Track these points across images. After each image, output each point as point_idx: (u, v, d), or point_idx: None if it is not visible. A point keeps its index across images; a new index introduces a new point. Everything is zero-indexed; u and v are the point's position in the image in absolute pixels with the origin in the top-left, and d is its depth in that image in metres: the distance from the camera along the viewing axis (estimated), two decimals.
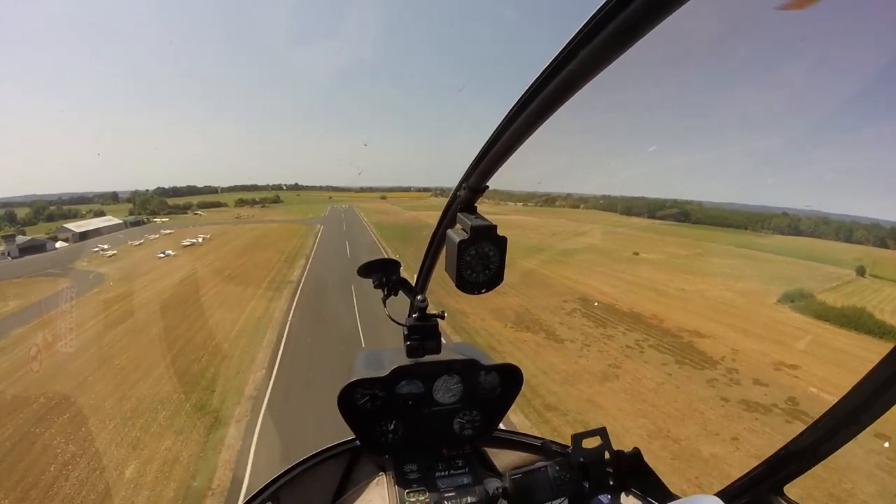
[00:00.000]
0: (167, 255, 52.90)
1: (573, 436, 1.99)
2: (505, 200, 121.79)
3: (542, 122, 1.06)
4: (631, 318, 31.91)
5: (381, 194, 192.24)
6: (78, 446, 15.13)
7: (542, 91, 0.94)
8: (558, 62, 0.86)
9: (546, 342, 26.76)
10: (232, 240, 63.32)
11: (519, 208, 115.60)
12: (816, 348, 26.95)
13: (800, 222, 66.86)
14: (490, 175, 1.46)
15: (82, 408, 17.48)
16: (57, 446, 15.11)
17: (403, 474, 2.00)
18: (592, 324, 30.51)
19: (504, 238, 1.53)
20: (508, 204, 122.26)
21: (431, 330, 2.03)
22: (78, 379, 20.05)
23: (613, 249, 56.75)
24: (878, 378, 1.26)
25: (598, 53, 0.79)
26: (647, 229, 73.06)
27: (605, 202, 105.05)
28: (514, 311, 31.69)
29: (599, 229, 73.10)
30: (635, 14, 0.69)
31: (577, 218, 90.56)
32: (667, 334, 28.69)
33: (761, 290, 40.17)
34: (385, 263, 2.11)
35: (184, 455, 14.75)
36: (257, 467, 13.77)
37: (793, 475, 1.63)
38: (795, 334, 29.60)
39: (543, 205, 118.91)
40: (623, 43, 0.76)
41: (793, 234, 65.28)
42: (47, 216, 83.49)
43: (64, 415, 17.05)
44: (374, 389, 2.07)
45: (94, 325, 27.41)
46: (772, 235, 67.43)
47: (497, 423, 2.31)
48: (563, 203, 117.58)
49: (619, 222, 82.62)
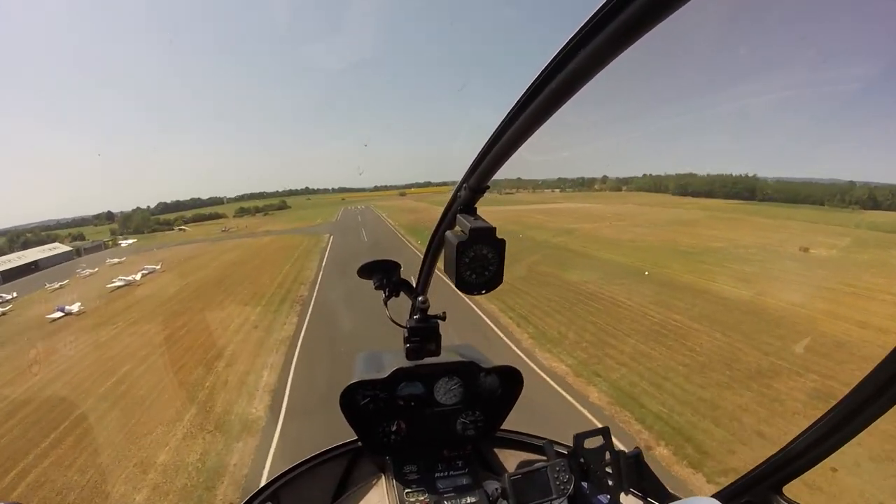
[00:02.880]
0: (64, 313, 29.93)
1: (575, 436, 1.94)
2: (539, 188, 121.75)
3: (543, 122, 1.04)
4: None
5: (399, 191, 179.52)
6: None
7: (543, 91, 0.94)
8: (558, 62, 0.86)
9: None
10: (195, 269, 39.97)
11: (562, 195, 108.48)
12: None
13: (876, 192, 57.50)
14: (490, 175, 1.40)
15: None
16: None
17: (403, 475, 2.01)
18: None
19: (503, 240, 1.47)
20: (546, 191, 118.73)
21: (432, 332, 2.00)
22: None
23: (767, 244, 38.82)
24: (878, 378, 1.25)
25: (598, 53, 0.79)
26: (738, 211, 60.94)
27: (651, 182, 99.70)
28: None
29: (699, 214, 58.58)
30: (635, 14, 0.69)
31: (640, 201, 79.93)
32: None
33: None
34: (385, 264, 2.06)
35: None
36: None
37: (793, 475, 1.61)
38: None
39: (580, 188, 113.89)
40: (623, 43, 0.75)
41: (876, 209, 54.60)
42: (22, 244, 72.97)
43: None
44: (375, 391, 2.05)
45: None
46: (871, 211, 54.49)
47: (499, 424, 2.29)
48: (602, 186, 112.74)
49: (697, 204, 71.25)
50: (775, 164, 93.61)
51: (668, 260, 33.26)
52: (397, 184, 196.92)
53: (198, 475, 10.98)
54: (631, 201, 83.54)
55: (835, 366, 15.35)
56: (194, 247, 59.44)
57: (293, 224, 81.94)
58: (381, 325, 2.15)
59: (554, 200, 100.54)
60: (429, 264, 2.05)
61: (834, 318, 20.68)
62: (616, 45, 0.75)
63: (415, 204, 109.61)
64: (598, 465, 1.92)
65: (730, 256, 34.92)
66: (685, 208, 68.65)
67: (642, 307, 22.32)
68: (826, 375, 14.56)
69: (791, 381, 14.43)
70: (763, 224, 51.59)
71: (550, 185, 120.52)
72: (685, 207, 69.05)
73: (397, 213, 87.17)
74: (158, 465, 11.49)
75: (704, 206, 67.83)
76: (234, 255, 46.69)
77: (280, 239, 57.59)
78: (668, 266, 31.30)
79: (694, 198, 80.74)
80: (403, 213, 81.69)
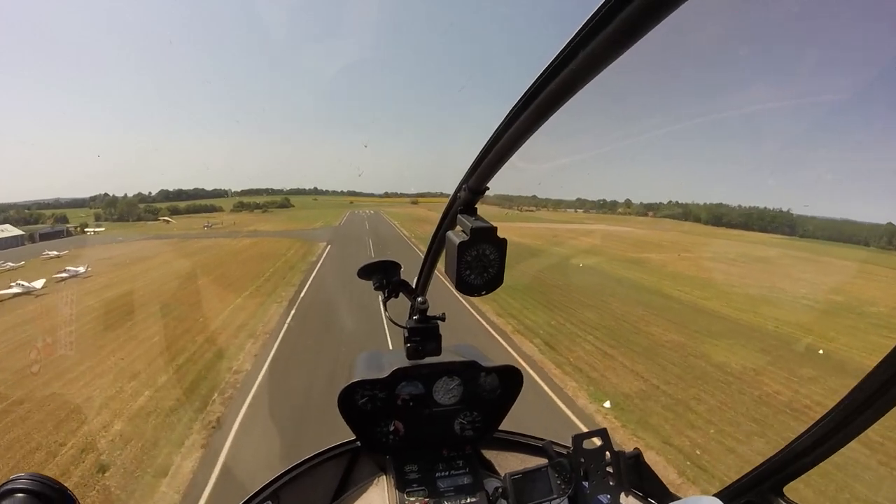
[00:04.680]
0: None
1: (574, 436, 1.92)
2: (560, 208, 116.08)
3: (543, 123, 1.05)
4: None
5: (411, 199, 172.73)
6: None
7: (542, 91, 0.94)
8: (558, 62, 0.86)
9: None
10: (123, 281, 28.11)
11: (586, 216, 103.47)
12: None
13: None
14: (490, 176, 1.41)
15: None
16: None
17: (403, 475, 1.99)
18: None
19: (504, 240, 1.46)
20: (569, 211, 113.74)
21: (432, 332, 1.99)
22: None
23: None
24: (878, 378, 1.24)
25: (598, 54, 0.78)
26: (801, 248, 52.63)
27: (680, 210, 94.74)
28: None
29: (771, 252, 48.34)
30: (635, 14, 0.68)
31: (683, 230, 71.93)
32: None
33: None
34: (385, 265, 2.05)
35: None
36: None
37: (793, 475, 1.61)
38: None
39: (601, 210, 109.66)
40: (623, 43, 0.75)
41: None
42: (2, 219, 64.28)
43: None
44: (374, 391, 2.04)
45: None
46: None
47: (497, 424, 2.26)
48: (627, 210, 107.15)
49: (746, 238, 62.78)
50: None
51: (830, 327, 21.21)
52: (407, 192, 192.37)
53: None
54: (668, 228, 77.36)
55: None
56: (158, 244, 47.86)
57: (289, 225, 70.51)
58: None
59: (583, 221, 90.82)
60: (429, 265, 2.05)
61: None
62: (616, 47, 0.75)
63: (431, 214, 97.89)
64: (598, 464, 1.90)
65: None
66: (739, 240, 58.75)
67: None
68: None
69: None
70: (873, 272, 39.20)
71: (570, 205, 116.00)
72: (736, 239, 61.37)
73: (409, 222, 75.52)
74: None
75: (759, 241, 59.30)
76: (193, 261, 34.85)
77: (263, 243, 45.76)
78: (849, 343, 19.12)
79: (728, 229, 76.19)
80: (418, 224, 69.95)
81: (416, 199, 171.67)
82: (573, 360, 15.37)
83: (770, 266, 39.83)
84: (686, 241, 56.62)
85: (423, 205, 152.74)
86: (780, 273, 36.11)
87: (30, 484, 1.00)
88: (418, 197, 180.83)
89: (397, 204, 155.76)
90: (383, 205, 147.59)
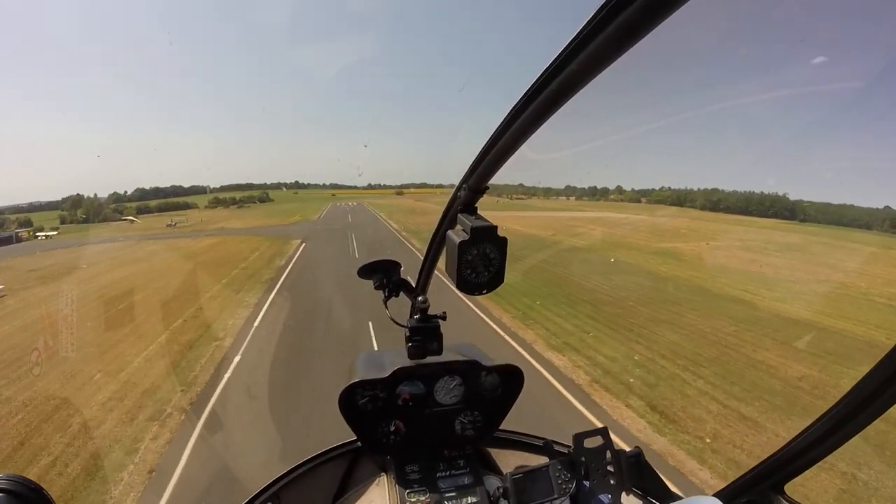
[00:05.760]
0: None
1: (574, 435, 1.90)
2: (551, 195, 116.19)
3: (543, 123, 1.05)
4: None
5: (396, 190, 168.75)
6: None
7: (543, 91, 0.94)
8: (558, 62, 0.85)
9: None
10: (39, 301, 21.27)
11: (580, 203, 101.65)
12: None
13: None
14: (490, 176, 1.41)
15: None
16: None
17: (404, 475, 1.97)
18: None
19: (504, 238, 1.46)
20: (560, 199, 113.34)
21: (433, 331, 1.99)
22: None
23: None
24: (878, 377, 1.23)
25: (598, 54, 0.78)
26: (819, 234, 48.70)
27: (674, 195, 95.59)
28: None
29: (793, 238, 44.87)
30: (635, 14, 0.68)
31: (689, 216, 68.88)
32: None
33: None
34: (386, 264, 2.05)
35: None
36: None
37: (794, 474, 1.60)
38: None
39: (592, 198, 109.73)
40: (623, 43, 0.74)
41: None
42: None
43: None
44: (374, 390, 2.02)
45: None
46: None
47: (498, 424, 2.23)
48: (620, 196, 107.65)
49: (754, 223, 60.65)
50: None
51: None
52: (391, 183, 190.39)
53: None
54: (668, 214, 74.79)
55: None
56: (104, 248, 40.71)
57: (263, 220, 63.37)
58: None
59: (580, 208, 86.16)
60: (429, 264, 2.04)
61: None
62: (616, 47, 0.75)
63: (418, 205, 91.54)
64: (599, 464, 1.89)
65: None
66: (751, 226, 55.96)
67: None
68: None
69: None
70: (846, 248, 38.27)
71: (560, 192, 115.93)
72: (747, 225, 58.80)
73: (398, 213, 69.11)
74: None
75: (770, 226, 57.20)
76: (132, 270, 28.01)
77: (226, 243, 38.82)
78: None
79: (726, 214, 75.12)
80: (408, 216, 63.60)
81: (400, 191, 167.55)
82: (716, 446, 8.97)
83: (808, 255, 35.32)
84: (703, 228, 52.04)
85: (408, 196, 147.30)
86: (827, 264, 31.58)
87: (6, 484, 1.00)
88: (402, 188, 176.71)
89: (381, 196, 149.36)
90: (366, 197, 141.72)
